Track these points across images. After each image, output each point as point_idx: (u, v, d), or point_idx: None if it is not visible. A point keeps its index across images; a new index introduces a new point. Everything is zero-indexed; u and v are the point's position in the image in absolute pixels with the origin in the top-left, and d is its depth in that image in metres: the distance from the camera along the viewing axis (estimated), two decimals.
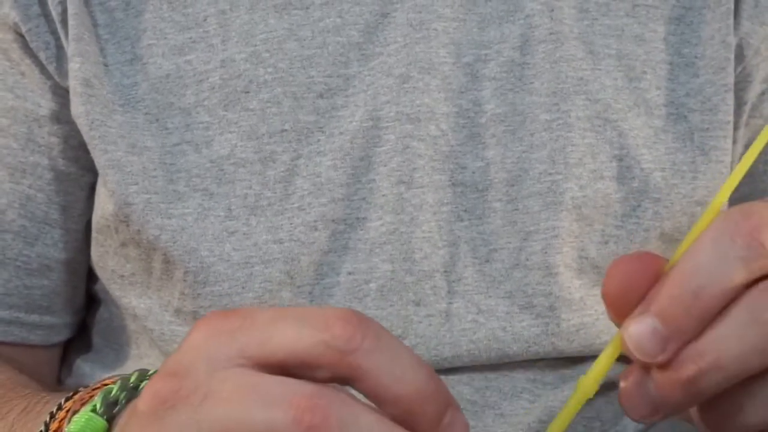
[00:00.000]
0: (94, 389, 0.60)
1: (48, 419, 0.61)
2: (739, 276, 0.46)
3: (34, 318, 0.87)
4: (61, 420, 0.60)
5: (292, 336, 0.46)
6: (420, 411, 0.47)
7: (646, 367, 0.48)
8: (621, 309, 0.49)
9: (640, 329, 0.47)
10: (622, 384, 0.50)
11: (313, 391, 0.45)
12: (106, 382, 0.61)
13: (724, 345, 0.46)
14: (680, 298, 0.47)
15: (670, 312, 0.47)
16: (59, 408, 0.61)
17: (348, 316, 0.47)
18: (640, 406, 0.49)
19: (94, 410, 0.56)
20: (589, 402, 0.82)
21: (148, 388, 0.48)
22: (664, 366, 0.47)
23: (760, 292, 0.47)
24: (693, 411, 0.51)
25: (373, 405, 0.47)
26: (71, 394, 0.61)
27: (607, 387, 0.82)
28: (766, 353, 0.46)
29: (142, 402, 0.47)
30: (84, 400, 0.59)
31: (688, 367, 0.47)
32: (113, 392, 0.57)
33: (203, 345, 0.47)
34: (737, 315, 0.46)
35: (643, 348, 0.47)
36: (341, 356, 0.46)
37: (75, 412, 0.58)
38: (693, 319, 0.47)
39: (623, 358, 0.50)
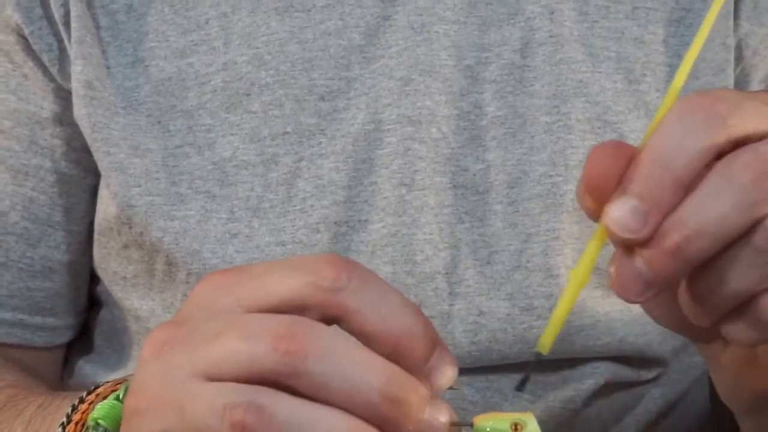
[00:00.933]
0: (117, 383, 0.61)
1: (70, 411, 0.62)
2: (703, 144, 0.48)
3: (38, 320, 0.87)
4: (84, 411, 0.61)
5: (282, 281, 0.49)
6: (407, 349, 0.49)
7: (633, 248, 0.49)
8: (602, 198, 0.49)
9: (620, 210, 0.48)
10: (611, 269, 0.50)
11: (292, 320, 0.48)
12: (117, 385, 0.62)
13: (704, 209, 0.47)
14: (652, 174, 0.48)
15: (646, 188, 0.48)
16: (81, 401, 0.62)
17: (335, 259, 0.49)
18: (633, 285, 0.49)
19: (117, 399, 0.57)
20: (590, 402, 0.82)
21: (149, 336, 0.51)
22: (649, 241, 0.48)
23: (730, 159, 0.48)
24: (681, 294, 0.52)
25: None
26: (93, 388, 0.62)
27: (607, 387, 0.83)
28: (744, 211, 0.47)
29: (145, 348, 0.50)
30: (106, 394, 0.60)
31: (673, 235, 0.47)
32: None
33: (203, 298, 0.51)
34: (712, 181, 0.48)
35: (626, 226, 0.48)
36: (329, 296, 0.48)
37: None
38: (668, 191, 0.48)
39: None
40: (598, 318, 0.80)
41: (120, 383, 0.61)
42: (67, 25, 0.82)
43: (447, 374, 0.50)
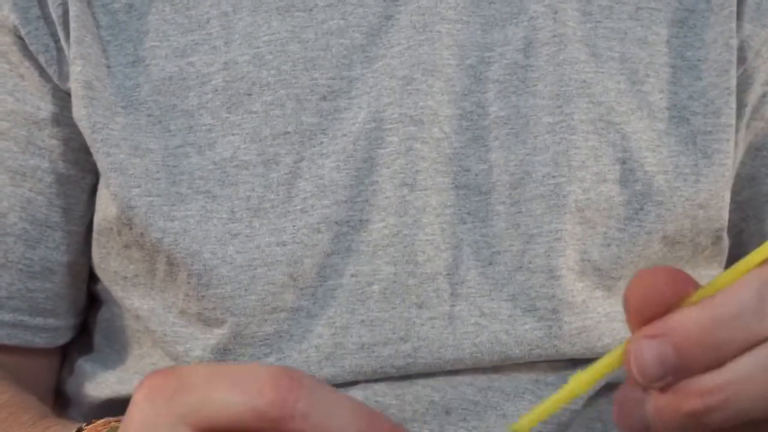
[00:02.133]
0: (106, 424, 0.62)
1: None
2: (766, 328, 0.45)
3: (38, 321, 0.87)
4: None
5: (225, 403, 0.46)
6: None
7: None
8: (639, 316, 0.47)
9: (649, 352, 0.46)
10: (619, 394, 0.49)
11: None
12: (111, 421, 0.62)
13: (738, 387, 0.45)
14: (702, 341, 0.45)
15: (687, 348, 0.45)
16: None
17: (280, 379, 0.46)
18: (634, 423, 0.48)
19: None
20: (591, 403, 0.82)
21: None
22: (667, 391, 0.46)
23: None
24: None
25: None
26: (84, 424, 0.63)
27: (609, 388, 0.82)
28: None
29: None
30: None
31: (695, 400, 0.45)
32: None
33: (145, 412, 0.48)
34: (759, 358, 0.45)
35: (645, 370, 0.46)
36: (276, 423, 0.46)
37: None
38: (706, 363, 0.45)
39: None
40: (598, 319, 0.80)
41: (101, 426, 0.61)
42: (65, 25, 0.82)
43: None
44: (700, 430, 0.47)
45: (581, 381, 0.49)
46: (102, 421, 0.66)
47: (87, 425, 0.66)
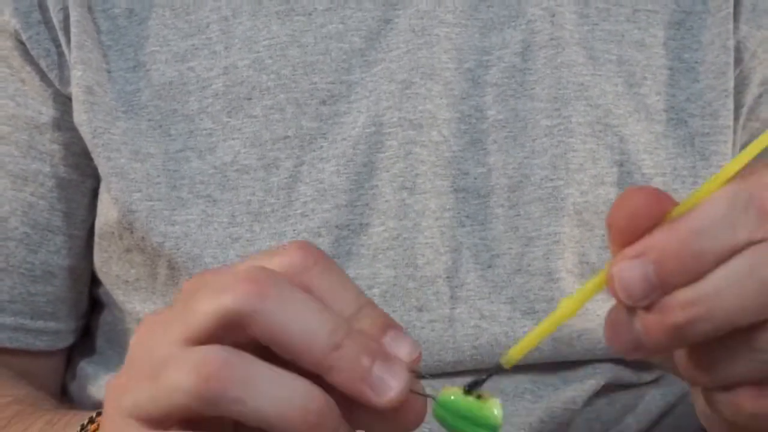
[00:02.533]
0: None
1: (79, 430, 0.62)
2: (743, 238, 0.46)
3: (40, 324, 0.87)
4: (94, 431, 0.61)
5: (207, 310, 0.48)
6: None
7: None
8: (622, 240, 0.48)
9: (631, 272, 0.46)
10: (609, 314, 0.49)
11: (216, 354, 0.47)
12: None
13: (718, 297, 0.46)
14: (681, 255, 0.46)
15: (667, 264, 0.46)
16: (91, 421, 0.62)
17: (253, 276, 0.48)
18: (624, 340, 0.48)
19: None
20: (591, 403, 0.82)
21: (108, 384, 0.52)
22: (653, 308, 0.47)
23: (759, 254, 0.46)
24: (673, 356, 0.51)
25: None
26: (86, 422, 0.63)
27: (608, 388, 0.83)
28: (758, 310, 0.46)
29: (105, 399, 0.52)
30: None
31: (677, 313, 0.46)
32: None
33: (144, 340, 0.51)
34: (736, 268, 0.46)
35: (629, 290, 0.47)
36: (251, 317, 0.48)
37: None
38: (686, 276, 0.46)
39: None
40: (599, 321, 0.80)
41: None
42: (66, 30, 0.82)
43: (405, 346, 0.50)
44: (687, 344, 0.48)
45: (569, 306, 0.50)
46: None
47: (98, 415, 0.66)
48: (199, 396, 0.47)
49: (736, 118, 0.86)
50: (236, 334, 0.48)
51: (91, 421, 0.63)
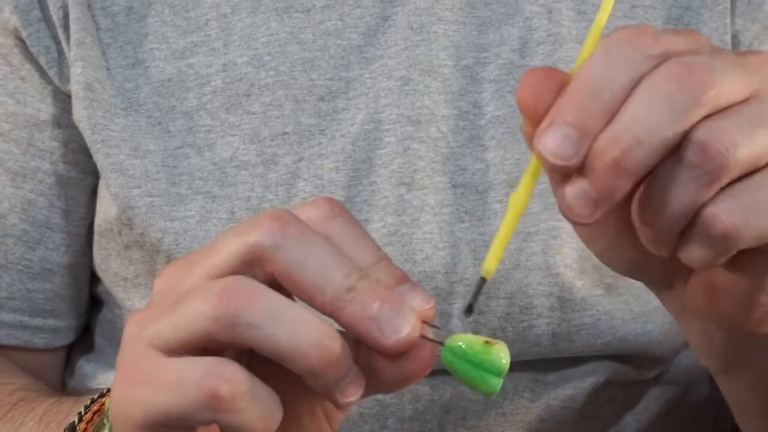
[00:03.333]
0: None
1: (89, 403, 0.63)
2: (628, 74, 0.48)
3: (38, 321, 0.87)
4: (102, 403, 0.61)
5: (230, 247, 0.50)
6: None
7: (572, 173, 0.49)
8: (536, 119, 0.50)
9: (553, 139, 0.48)
10: (557, 195, 0.50)
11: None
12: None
13: (636, 121, 0.47)
14: (583, 103, 0.48)
15: (575, 116, 0.48)
16: (102, 395, 0.63)
17: (277, 215, 0.50)
18: (582, 206, 0.49)
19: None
20: (591, 401, 0.83)
21: (129, 319, 0.52)
22: (587, 163, 0.48)
23: (655, 73, 0.48)
24: (635, 221, 0.52)
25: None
26: (97, 396, 0.63)
27: (607, 386, 0.83)
28: (674, 119, 0.47)
29: (125, 330, 0.52)
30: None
31: (610, 151, 0.47)
32: None
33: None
34: (640, 96, 0.48)
35: (559, 153, 0.48)
36: (271, 252, 0.49)
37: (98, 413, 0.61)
38: (597, 117, 0.48)
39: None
40: (598, 317, 0.80)
41: None
42: (65, 27, 0.82)
43: (418, 297, 0.51)
44: (631, 179, 0.48)
45: (519, 198, 0.52)
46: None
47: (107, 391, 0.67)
48: (217, 318, 0.48)
49: None
50: (256, 273, 0.50)
51: (102, 394, 0.63)
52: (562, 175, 0.49)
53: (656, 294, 0.60)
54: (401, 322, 0.49)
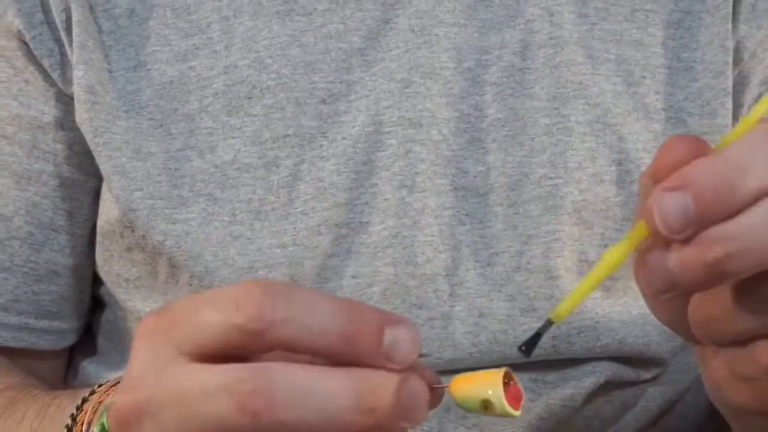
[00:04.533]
0: (114, 384, 0.62)
1: (75, 411, 0.63)
2: None
3: (43, 323, 0.87)
4: (86, 412, 0.62)
5: (209, 326, 0.47)
6: (353, 349, 0.48)
7: (668, 242, 0.48)
8: (660, 175, 0.48)
9: (670, 202, 0.46)
10: (642, 255, 0.49)
11: (249, 374, 0.47)
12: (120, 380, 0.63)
13: (755, 231, 0.46)
14: (719, 187, 0.46)
15: (705, 196, 0.46)
16: (84, 400, 0.63)
17: (254, 290, 0.47)
18: (657, 280, 0.48)
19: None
20: (590, 401, 0.83)
21: (112, 407, 0.50)
22: (690, 243, 0.47)
23: None
24: (693, 306, 0.51)
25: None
26: (91, 391, 0.63)
27: (606, 386, 0.83)
28: None
29: (111, 421, 0.50)
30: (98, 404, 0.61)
31: (715, 248, 0.46)
32: None
33: (145, 351, 0.50)
34: None
35: (668, 221, 0.46)
36: (258, 337, 0.47)
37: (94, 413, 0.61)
38: (724, 209, 0.46)
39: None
40: (597, 319, 0.81)
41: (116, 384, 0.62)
42: (68, 30, 0.82)
43: (405, 348, 0.48)
44: (720, 282, 0.47)
45: (614, 255, 0.50)
46: (112, 380, 0.66)
47: (99, 386, 0.66)
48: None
49: (735, 118, 0.86)
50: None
51: (85, 400, 0.63)
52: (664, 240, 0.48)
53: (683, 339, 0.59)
54: (418, 414, 0.48)
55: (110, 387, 0.64)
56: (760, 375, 0.50)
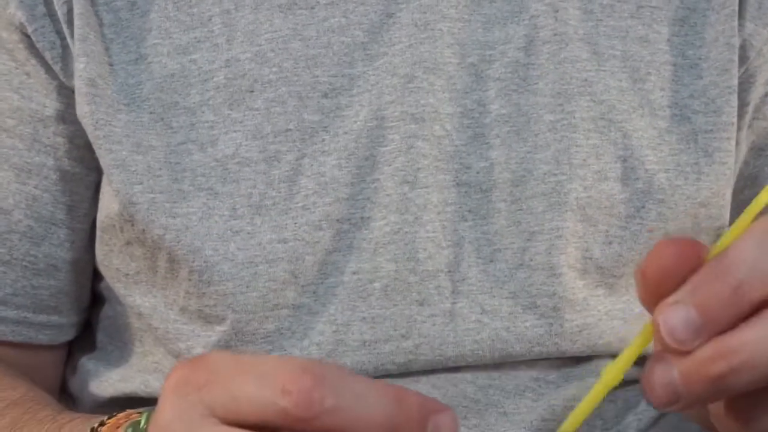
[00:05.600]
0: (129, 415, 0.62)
1: None
2: None
3: (42, 318, 0.87)
4: None
5: (251, 400, 0.47)
6: None
7: (673, 355, 0.48)
8: (656, 291, 0.48)
9: (674, 316, 0.47)
10: (647, 369, 0.49)
11: None
12: (132, 414, 0.62)
13: (760, 345, 0.46)
14: (719, 291, 0.46)
15: (707, 304, 0.46)
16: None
17: (303, 377, 0.47)
18: (663, 394, 0.48)
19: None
20: None
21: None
22: (693, 358, 0.47)
23: None
24: (706, 411, 0.51)
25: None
26: (100, 423, 0.63)
27: None
28: None
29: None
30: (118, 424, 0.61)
31: (719, 363, 0.46)
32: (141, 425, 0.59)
33: (176, 403, 0.49)
34: None
35: (675, 335, 0.47)
36: (302, 423, 0.47)
37: None
38: (729, 314, 0.46)
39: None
40: (599, 317, 0.80)
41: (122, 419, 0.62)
42: (70, 22, 0.82)
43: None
44: (725, 395, 0.48)
45: (614, 370, 0.50)
46: (123, 414, 0.66)
47: (108, 419, 0.66)
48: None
49: (741, 116, 0.86)
50: None
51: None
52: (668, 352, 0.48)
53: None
54: None
55: (126, 416, 0.64)
56: None
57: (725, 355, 0.46)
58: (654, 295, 0.48)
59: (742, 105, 0.85)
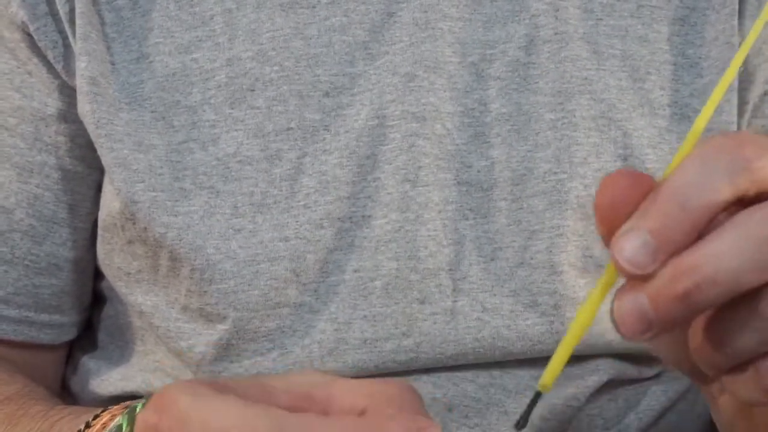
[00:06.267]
0: (123, 407, 0.62)
1: None
2: (726, 189, 0.47)
3: (44, 317, 0.87)
4: None
5: None
6: None
7: (640, 284, 0.48)
8: (611, 223, 0.49)
9: (629, 244, 0.47)
10: (615, 302, 0.50)
11: None
12: (128, 404, 0.63)
13: (720, 259, 0.46)
14: (669, 211, 0.47)
15: (659, 225, 0.47)
16: (87, 426, 0.63)
17: None
18: (634, 323, 0.49)
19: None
20: (593, 399, 0.82)
21: None
22: (657, 280, 0.47)
23: (752, 211, 0.47)
24: (691, 339, 0.51)
25: None
26: (93, 416, 0.64)
27: (610, 385, 0.83)
28: (759, 269, 0.46)
29: None
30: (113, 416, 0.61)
31: (684, 281, 0.47)
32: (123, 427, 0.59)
33: None
34: (732, 230, 0.47)
35: (634, 260, 0.47)
36: None
37: None
38: (682, 232, 0.47)
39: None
40: (600, 315, 0.80)
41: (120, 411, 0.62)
42: (71, 21, 0.82)
43: None
44: (695, 313, 0.48)
45: (585, 312, 0.51)
46: (119, 405, 0.66)
47: (103, 411, 0.66)
48: None
49: (741, 115, 0.86)
50: None
51: (88, 425, 0.63)
52: (632, 282, 0.48)
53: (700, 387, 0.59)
54: None
55: (121, 407, 0.64)
56: (764, 398, 0.49)
57: (686, 271, 0.47)
58: (610, 229, 0.49)
59: (741, 104, 0.85)
